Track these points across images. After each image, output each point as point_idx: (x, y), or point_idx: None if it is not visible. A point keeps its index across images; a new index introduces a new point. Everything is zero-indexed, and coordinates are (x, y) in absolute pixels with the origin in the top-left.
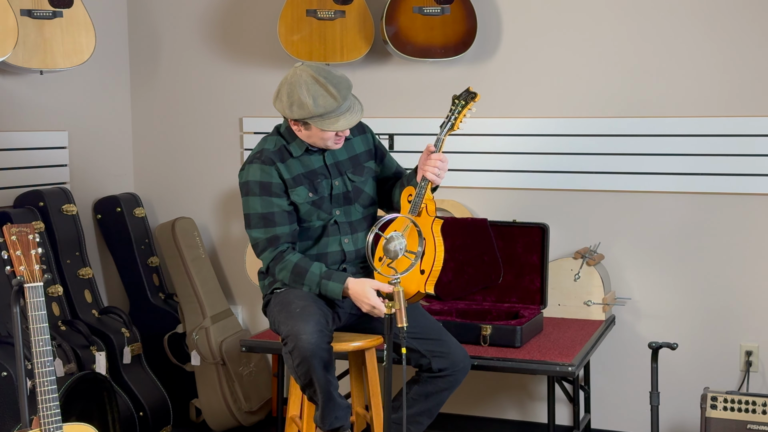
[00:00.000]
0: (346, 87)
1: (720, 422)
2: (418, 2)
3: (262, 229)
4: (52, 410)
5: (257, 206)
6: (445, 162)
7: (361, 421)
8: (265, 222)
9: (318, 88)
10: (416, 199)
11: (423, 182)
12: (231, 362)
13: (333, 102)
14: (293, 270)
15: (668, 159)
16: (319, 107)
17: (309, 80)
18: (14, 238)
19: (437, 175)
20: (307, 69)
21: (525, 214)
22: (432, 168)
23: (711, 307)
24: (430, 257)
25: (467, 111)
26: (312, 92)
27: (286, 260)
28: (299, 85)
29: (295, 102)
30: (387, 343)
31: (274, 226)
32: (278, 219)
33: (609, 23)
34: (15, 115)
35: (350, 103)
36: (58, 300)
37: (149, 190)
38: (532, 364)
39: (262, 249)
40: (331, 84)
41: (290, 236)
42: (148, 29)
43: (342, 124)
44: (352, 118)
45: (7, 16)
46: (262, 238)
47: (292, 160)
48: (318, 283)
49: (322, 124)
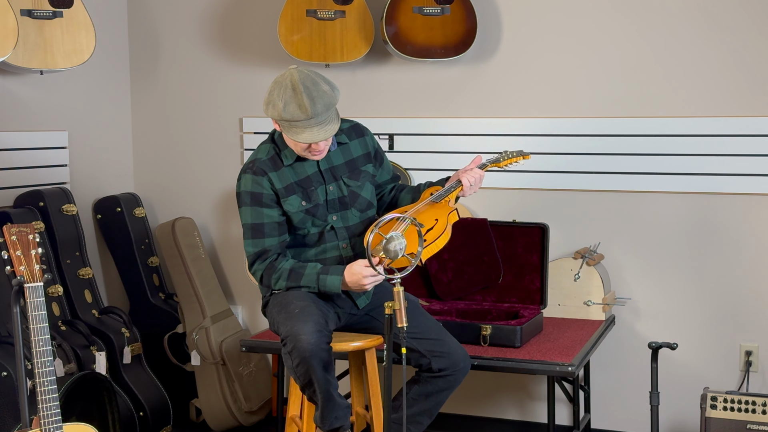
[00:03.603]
0: (323, 103)
1: (720, 422)
2: (418, 2)
3: (251, 241)
4: (52, 410)
5: (248, 217)
6: (481, 180)
7: (361, 421)
8: (254, 233)
9: (292, 95)
10: (442, 192)
11: (456, 184)
12: (231, 362)
13: (300, 113)
14: (289, 275)
15: (668, 159)
16: (286, 113)
17: (288, 85)
18: (14, 238)
19: (471, 185)
20: (294, 73)
21: (525, 214)
22: (470, 177)
23: (711, 307)
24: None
25: (515, 161)
26: (285, 97)
27: (280, 268)
28: (280, 86)
29: (270, 102)
30: (387, 343)
31: (263, 237)
32: (267, 230)
33: (609, 23)
34: (15, 115)
35: (323, 119)
36: (58, 300)
37: (149, 190)
38: (532, 364)
39: (252, 262)
40: (307, 95)
41: (279, 247)
42: (148, 29)
43: (306, 137)
44: (318, 134)
45: (7, 16)
46: (252, 252)
47: (284, 168)
48: (316, 280)
49: (288, 131)
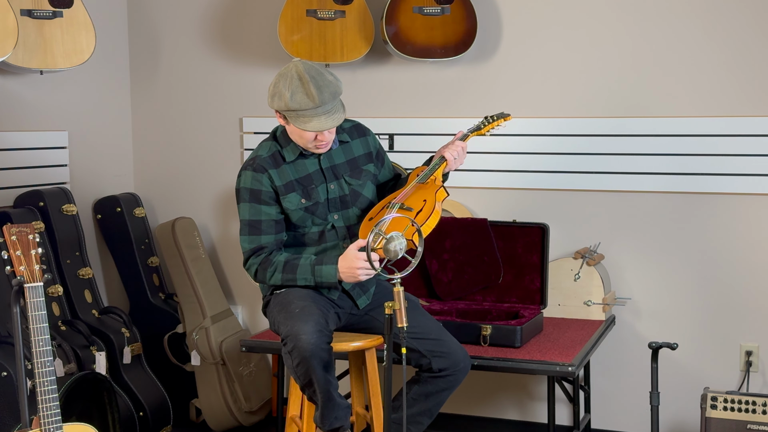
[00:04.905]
0: (330, 92)
1: (720, 422)
2: (418, 2)
3: (248, 237)
4: (52, 410)
5: (246, 213)
6: (464, 151)
7: (361, 421)
8: (251, 229)
9: (299, 85)
10: (427, 172)
11: (439, 160)
12: (231, 362)
13: (308, 101)
14: (284, 268)
15: (668, 159)
16: (294, 102)
17: (295, 75)
18: (14, 238)
19: (455, 158)
20: (299, 65)
21: (525, 214)
22: (452, 151)
23: (711, 307)
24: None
25: (497, 124)
26: (292, 87)
27: (275, 261)
28: (285, 77)
29: (277, 93)
30: (387, 343)
31: (260, 234)
32: (265, 227)
33: (610, 23)
34: (15, 115)
35: (330, 108)
36: (58, 300)
37: (149, 190)
38: (532, 364)
39: (247, 258)
40: (314, 84)
41: (275, 245)
42: (148, 29)
43: (314, 125)
44: (327, 122)
45: (7, 16)
46: (248, 248)
47: (285, 165)
48: (311, 271)
49: (296, 121)
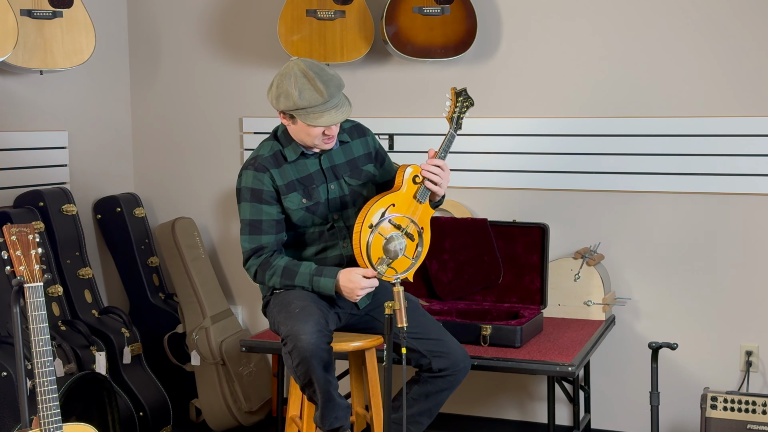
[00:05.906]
0: (335, 85)
1: (720, 422)
2: (418, 2)
3: (248, 237)
4: (52, 410)
5: (247, 213)
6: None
7: (361, 421)
8: (251, 229)
9: (305, 82)
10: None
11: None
12: (231, 362)
13: (318, 97)
14: (283, 273)
15: (668, 159)
16: (303, 100)
17: (299, 73)
18: (14, 238)
19: (437, 184)
20: (299, 63)
21: (525, 214)
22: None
23: (711, 307)
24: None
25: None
26: (299, 85)
27: (275, 265)
28: (289, 77)
29: (282, 93)
30: (387, 343)
31: (260, 234)
32: (265, 227)
33: (610, 23)
34: (15, 115)
35: (338, 101)
36: (58, 300)
37: (149, 190)
38: (532, 364)
39: (247, 258)
40: (320, 80)
41: (275, 245)
42: (148, 29)
43: (326, 120)
44: (337, 116)
45: (7, 17)
46: (248, 248)
47: (286, 165)
48: (309, 281)
49: (306, 118)
